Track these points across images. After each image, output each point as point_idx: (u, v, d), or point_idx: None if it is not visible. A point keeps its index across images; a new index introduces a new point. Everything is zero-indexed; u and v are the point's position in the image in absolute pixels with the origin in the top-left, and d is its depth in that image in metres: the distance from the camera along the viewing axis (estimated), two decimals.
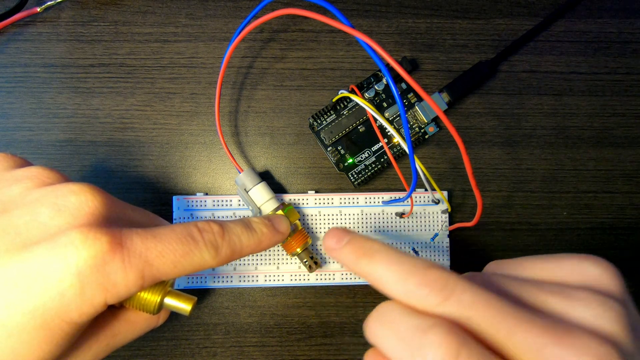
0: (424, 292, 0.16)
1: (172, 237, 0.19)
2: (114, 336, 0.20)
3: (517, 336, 0.15)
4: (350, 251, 0.18)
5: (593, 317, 0.16)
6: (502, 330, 0.15)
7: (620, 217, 0.31)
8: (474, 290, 0.15)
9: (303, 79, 0.31)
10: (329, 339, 0.30)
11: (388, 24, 0.32)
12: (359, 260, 0.18)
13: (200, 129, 0.31)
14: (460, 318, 0.15)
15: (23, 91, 0.30)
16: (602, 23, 0.32)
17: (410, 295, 0.16)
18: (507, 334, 0.15)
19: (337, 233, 0.19)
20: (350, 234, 0.19)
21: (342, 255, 0.19)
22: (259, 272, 0.29)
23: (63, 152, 0.30)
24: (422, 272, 0.16)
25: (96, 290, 0.17)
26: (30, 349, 0.16)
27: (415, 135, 0.31)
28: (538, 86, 0.32)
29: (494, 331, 0.15)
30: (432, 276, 0.16)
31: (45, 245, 0.16)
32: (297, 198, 0.30)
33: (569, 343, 0.14)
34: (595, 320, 0.16)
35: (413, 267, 0.16)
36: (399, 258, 0.17)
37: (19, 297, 0.16)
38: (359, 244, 0.18)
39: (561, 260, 0.18)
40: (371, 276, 0.17)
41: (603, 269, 0.18)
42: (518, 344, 0.15)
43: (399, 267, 0.17)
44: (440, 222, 0.30)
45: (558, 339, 0.14)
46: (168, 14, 0.31)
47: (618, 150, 0.31)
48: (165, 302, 0.20)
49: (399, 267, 0.17)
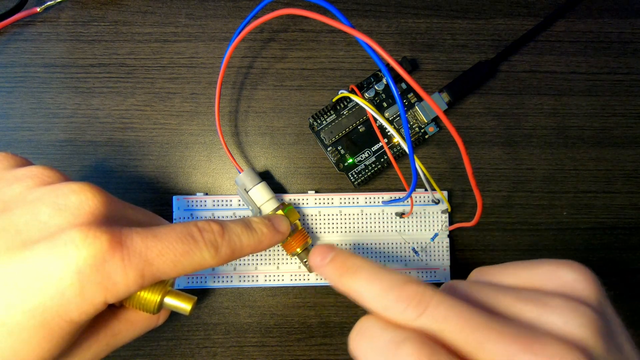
0: (401, 307, 0.16)
1: (172, 236, 0.19)
2: (114, 336, 0.20)
3: (487, 346, 0.15)
4: (334, 268, 0.19)
5: (564, 323, 0.16)
6: (472, 342, 0.15)
7: (620, 217, 0.31)
8: (447, 303, 0.16)
9: (303, 79, 0.31)
10: (329, 339, 0.30)
11: (388, 24, 0.32)
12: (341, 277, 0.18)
13: (200, 129, 0.31)
14: (434, 331, 0.16)
15: (23, 91, 0.30)
16: (602, 23, 0.32)
17: (388, 309, 0.17)
18: (478, 345, 0.15)
19: (321, 250, 0.20)
20: (334, 250, 0.19)
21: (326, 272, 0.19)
22: (259, 272, 0.29)
23: (63, 152, 0.30)
24: (399, 288, 0.17)
25: (96, 289, 0.17)
26: (30, 348, 0.16)
27: (415, 135, 0.31)
28: (538, 86, 0.32)
29: (465, 342, 0.15)
30: (409, 291, 0.16)
31: (45, 244, 0.16)
32: (297, 198, 0.30)
33: (537, 350, 0.15)
34: (566, 326, 0.16)
35: (391, 283, 0.17)
36: (379, 274, 0.18)
37: (19, 296, 0.16)
38: (341, 261, 0.19)
39: (539, 266, 0.19)
40: (353, 292, 0.18)
41: (578, 275, 0.18)
42: (488, 354, 0.15)
43: (378, 283, 0.17)
44: (440, 222, 0.30)
45: (527, 347, 0.15)
46: (168, 14, 0.31)
47: (618, 150, 0.31)
48: (165, 301, 0.20)
49: (378, 283, 0.17)
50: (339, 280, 0.19)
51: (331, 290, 0.30)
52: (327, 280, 0.20)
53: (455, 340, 0.16)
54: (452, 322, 0.16)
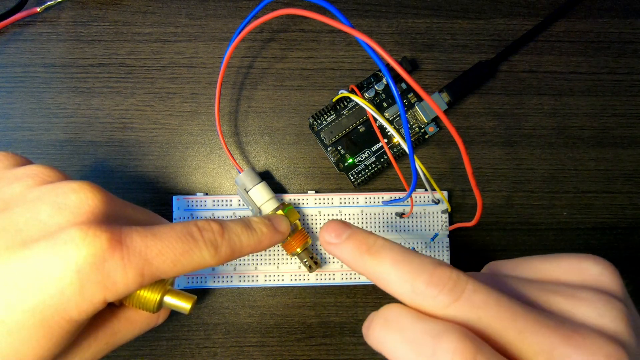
0: (433, 292, 0.15)
1: (172, 235, 0.19)
2: (113, 334, 0.20)
3: (528, 337, 0.14)
4: (352, 247, 0.17)
5: (597, 316, 0.15)
6: (512, 331, 0.14)
7: (620, 217, 0.31)
8: (485, 290, 0.15)
9: (303, 79, 0.31)
10: (329, 339, 0.30)
11: (388, 24, 0.32)
12: (362, 257, 0.17)
13: (200, 129, 0.31)
14: (470, 320, 0.15)
15: (23, 91, 0.30)
16: (602, 23, 0.32)
17: (418, 295, 0.15)
18: (518, 335, 0.14)
19: (336, 226, 0.18)
20: (350, 227, 0.18)
21: (343, 251, 0.17)
22: (259, 272, 0.29)
23: (63, 152, 0.30)
24: (430, 271, 0.15)
25: (95, 288, 0.17)
26: (29, 347, 0.16)
27: (415, 135, 0.31)
28: (538, 86, 0.32)
29: (505, 332, 0.14)
30: (441, 275, 0.15)
31: (45, 243, 0.16)
32: (297, 198, 0.30)
33: (578, 343, 0.14)
34: (600, 319, 0.15)
35: (421, 265, 0.16)
36: (406, 255, 0.16)
37: (19, 294, 0.16)
38: (361, 239, 0.17)
39: (561, 259, 0.18)
40: (376, 275, 0.16)
41: (603, 268, 0.17)
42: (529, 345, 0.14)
43: (406, 265, 0.16)
44: (440, 222, 0.30)
45: (567, 339, 0.14)
46: (168, 14, 0.31)
47: (618, 150, 0.31)
48: (164, 300, 0.20)
49: (406, 265, 0.16)
50: (359, 262, 0.17)
51: (331, 290, 0.30)
52: (343, 261, 0.18)
53: (494, 329, 0.14)
54: (491, 311, 0.14)
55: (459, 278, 0.15)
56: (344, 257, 0.17)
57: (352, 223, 0.30)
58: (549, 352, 0.14)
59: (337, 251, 0.18)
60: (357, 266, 0.17)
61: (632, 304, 0.18)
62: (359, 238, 0.17)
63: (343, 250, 0.17)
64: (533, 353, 0.14)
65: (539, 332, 0.14)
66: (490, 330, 0.14)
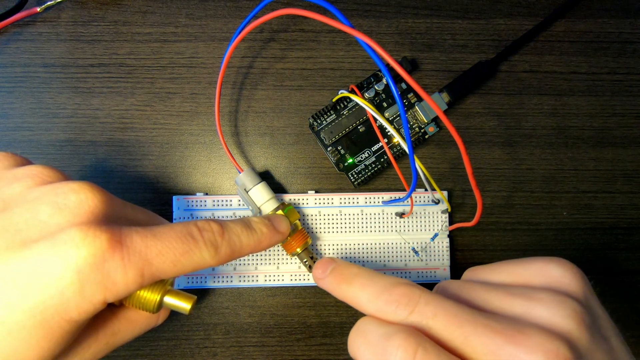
0: (392, 307, 0.18)
1: (171, 235, 0.19)
2: (113, 335, 0.20)
3: (473, 340, 0.16)
4: (333, 279, 0.21)
5: (549, 315, 0.17)
6: (459, 336, 0.17)
7: (620, 217, 0.31)
8: (435, 301, 0.17)
9: (303, 79, 0.31)
10: (329, 339, 0.30)
11: (388, 24, 0.32)
12: (339, 286, 0.20)
13: (200, 129, 0.31)
14: (423, 327, 0.17)
15: (23, 91, 0.30)
16: (602, 23, 0.32)
17: (381, 311, 0.18)
18: (464, 339, 0.17)
19: (322, 263, 0.21)
20: (334, 262, 0.21)
21: (327, 283, 0.21)
22: (259, 272, 0.29)
23: (63, 152, 0.30)
24: (390, 290, 0.18)
25: (95, 288, 0.17)
26: (29, 347, 0.16)
27: (415, 135, 0.31)
28: (538, 86, 0.32)
29: (452, 337, 0.17)
30: (398, 292, 0.18)
31: (45, 243, 0.16)
32: (297, 198, 0.30)
33: (521, 342, 0.16)
34: (552, 318, 0.17)
35: (383, 286, 0.19)
36: (372, 279, 0.19)
37: (19, 294, 0.16)
38: (339, 271, 0.21)
39: (528, 263, 0.20)
40: (350, 299, 0.20)
41: (565, 270, 0.19)
42: (474, 347, 0.16)
43: (371, 287, 0.19)
44: (440, 222, 0.30)
45: (511, 339, 0.16)
46: (168, 14, 0.31)
47: (618, 150, 0.31)
48: (164, 300, 0.20)
49: (371, 287, 0.19)
50: (338, 289, 0.20)
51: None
52: (329, 292, 0.21)
53: (443, 335, 0.17)
54: (439, 319, 0.17)
55: (413, 294, 0.18)
56: (329, 288, 0.21)
57: (352, 224, 0.30)
58: (495, 352, 0.16)
59: (324, 284, 0.21)
60: (338, 294, 0.20)
61: (596, 304, 0.19)
62: (338, 271, 0.21)
63: (327, 282, 0.21)
64: (480, 354, 0.16)
65: (485, 334, 0.16)
66: (439, 336, 0.17)
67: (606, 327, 0.18)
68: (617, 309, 0.31)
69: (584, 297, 0.18)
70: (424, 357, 0.16)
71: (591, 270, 0.31)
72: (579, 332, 0.17)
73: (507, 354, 0.16)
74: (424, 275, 0.30)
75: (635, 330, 0.31)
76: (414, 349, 0.16)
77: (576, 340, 0.16)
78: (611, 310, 0.26)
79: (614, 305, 0.31)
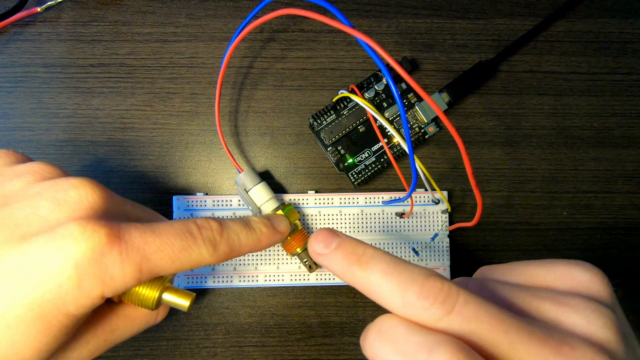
0: (424, 305, 0.15)
1: (170, 232, 0.19)
2: (112, 332, 0.20)
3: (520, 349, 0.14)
4: (341, 257, 0.17)
5: (586, 323, 0.16)
6: (505, 344, 0.14)
7: (620, 217, 0.31)
8: (476, 302, 0.15)
9: (303, 79, 0.31)
10: (329, 339, 0.30)
11: (388, 24, 0.32)
12: (351, 268, 0.16)
13: (200, 129, 0.31)
14: (463, 332, 0.14)
15: (23, 91, 0.30)
16: (602, 23, 0.32)
17: (409, 307, 0.15)
18: (510, 347, 0.14)
19: (324, 236, 0.17)
20: (339, 236, 0.17)
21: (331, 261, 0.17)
22: (259, 272, 0.29)
23: (63, 152, 0.30)
24: (421, 282, 0.15)
25: (94, 282, 0.17)
26: (27, 341, 0.16)
27: (415, 135, 0.31)
28: (538, 86, 0.32)
29: (497, 344, 0.14)
30: (433, 287, 0.15)
31: (44, 237, 0.16)
32: (297, 198, 0.30)
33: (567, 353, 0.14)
34: (589, 326, 0.16)
35: (411, 277, 0.15)
36: (396, 266, 0.16)
37: (17, 288, 0.16)
38: (350, 249, 0.17)
39: (551, 265, 0.18)
40: (365, 286, 0.16)
41: (592, 275, 0.17)
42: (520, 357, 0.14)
43: (396, 276, 0.15)
44: (440, 222, 0.30)
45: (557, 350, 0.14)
46: (168, 14, 0.31)
47: (618, 150, 0.31)
48: (163, 297, 0.20)
49: (396, 276, 0.15)
50: (348, 271, 0.17)
51: (331, 290, 0.30)
52: (331, 271, 0.17)
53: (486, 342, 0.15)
54: (483, 323, 0.14)
55: (451, 290, 0.15)
56: (333, 268, 0.17)
57: (352, 224, 0.30)
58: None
59: (326, 262, 0.17)
60: (347, 277, 0.17)
61: (620, 310, 0.18)
62: (348, 247, 0.17)
63: (332, 260, 0.17)
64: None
65: (530, 343, 0.14)
66: (482, 343, 0.14)
67: (629, 333, 0.17)
68: None
69: (612, 304, 0.17)
70: None
71: None
72: (616, 342, 0.15)
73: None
74: None
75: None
76: None
77: (615, 351, 0.15)
78: None
79: None
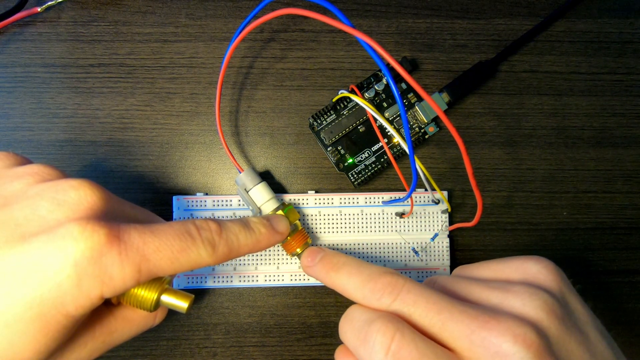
0: (377, 295, 0.19)
1: (169, 233, 0.19)
2: (110, 333, 0.20)
3: (450, 326, 0.18)
4: (321, 266, 0.22)
5: (521, 305, 0.18)
6: (437, 322, 0.18)
7: (620, 217, 0.31)
8: (416, 290, 0.19)
9: (303, 79, 0.31)
10: (329, 339, 0.30)
11: (388, 24, 0.32)
12: (328, 274, 0.22)
13: (200, 129, 0.31)
14: (404, 314, 0.19)
15: (23, 91, 0.30)
16: (602, 23, 0.32)
17: (367, 299, 0.20)
18: (441, 325, 0.18)
19: (311, 252, 0.23)
20: (322, 252, 0.23)
21: (315, 271, 0.23)
22: (259, 272, 0.29)
23: (63, 152, 0.30)
24: (375, 279, 0.20)
25: (93, 282, 0.17)
26: (26, 340, 0.16)
27: (415, 135, 0.31)
28: (538, 86, 0.32)
29: (430, 323, 0.18)
30: (384, 281, 0.19)
31: (43, 237, 0.17)
32: (297, 198, 0.30)
33: (493, 326, 0.17)
34: (523, 307, 0.18)
35: (369, 275, 0.20)
36: (359, 267, 0.21)
37: (17, 287, 0.16)
38: (328, 259, 0.22)
39: (510, 261, 0.22)
40: (339, 286, 0.21)
41: (542, 267, 0.20)
42: (451, 332, 0.18)
43: (358, 275, 0.20)
44: (440, 222, 0.30)
45: (484, 324, 0.17)
46: (168, 14, 0.31)
47: (618, 150, 0.31)
48: (162, 299, 0.20)
49: (358, 275, 0.20)
50: (327, 277, 0.22)
51: (331, 290, 0.30)
52: (318, 279, 0.23)
53: (422, 321, 0.18)
54: (419, 306, 0.19)
55: (397, 282, 0.19)
56: (317, 276, 0.23)
57: (352, 224, 0.30)
58: (469, 336, 0.17)
59: (313, 272, 0.23)
60: (326, 281, 0.22)
61: (574, 300, 0.20)
62: (327, 259, 0.22)
63: (316, 270, 0.23)
64: (455, 338, 0.18)
65: (460, 320, 0.18)
66: (420, 322, 0.18)
67: (584, 320, 0.20)
68: (617, 309, 0.31)
69: (559, 291, 0.20)
70: (401, 340, 0.17)
71: (591, 271, 0.31)
72: (549, 321, 0.18)
73: (480, 337, 0.17)
74: (424, 275, 0.30)
75: (637, 329, 0.31)
76: (392, 333, 0.18)
77: (546, 329, 0.18)
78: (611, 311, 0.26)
79: (615, 305, 0.31)
